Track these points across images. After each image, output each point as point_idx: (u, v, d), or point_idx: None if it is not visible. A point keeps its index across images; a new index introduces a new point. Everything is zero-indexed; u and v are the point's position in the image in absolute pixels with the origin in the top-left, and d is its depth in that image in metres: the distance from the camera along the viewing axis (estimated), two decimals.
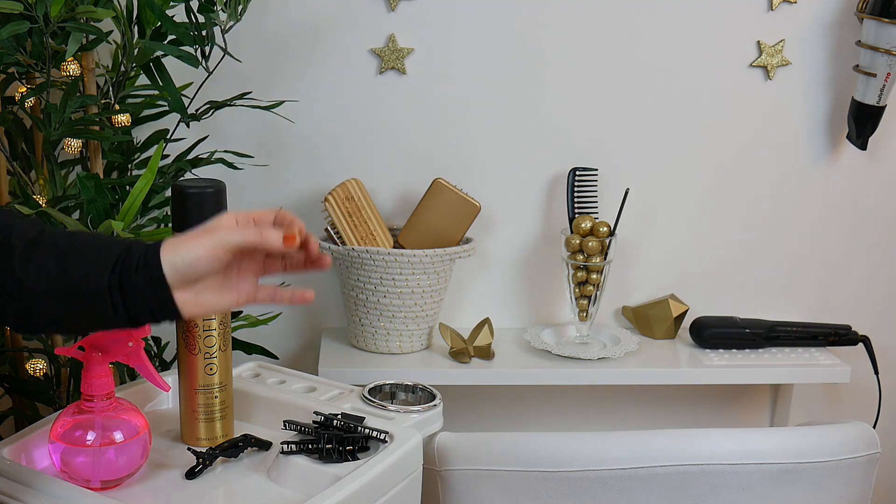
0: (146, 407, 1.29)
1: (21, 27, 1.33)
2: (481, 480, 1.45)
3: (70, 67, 1.42)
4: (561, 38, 1.79)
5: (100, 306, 0.94)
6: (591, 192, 1.80)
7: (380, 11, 1.75)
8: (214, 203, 1.15)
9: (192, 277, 0.95)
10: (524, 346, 1.81)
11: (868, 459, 1.50)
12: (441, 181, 1.73)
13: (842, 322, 1.88)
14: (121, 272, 0.94)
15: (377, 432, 1.17)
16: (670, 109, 1.83)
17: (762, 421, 2.00)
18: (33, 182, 1.51)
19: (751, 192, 1.88)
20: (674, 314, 1.86)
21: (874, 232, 1.92)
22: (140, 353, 1.09)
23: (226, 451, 1.17)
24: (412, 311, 1.73)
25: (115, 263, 0.94)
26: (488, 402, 1.94)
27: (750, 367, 1.78)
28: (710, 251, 1.90)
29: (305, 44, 1.75)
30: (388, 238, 1.74)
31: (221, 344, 1.19)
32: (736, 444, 1.46)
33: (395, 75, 1.78)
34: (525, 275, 1.89)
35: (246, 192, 1.75)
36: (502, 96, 1.80)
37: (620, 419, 1.97)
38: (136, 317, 0.95)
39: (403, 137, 1.81)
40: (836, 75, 1.84)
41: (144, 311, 0.95)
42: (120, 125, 1.48)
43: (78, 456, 1.09)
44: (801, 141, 1.87)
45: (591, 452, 1.44)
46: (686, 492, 1.44)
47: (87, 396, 1.09)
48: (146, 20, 1.45)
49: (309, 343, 1.89)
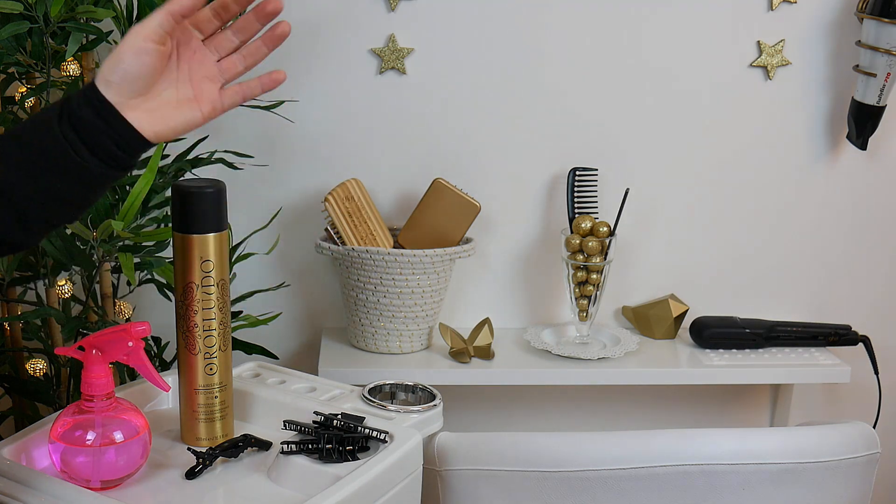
0: (146, 407, 1.29)
1: (21, 27, 1.33)
2: (481, 480, 1.45)
3: (70, 67, 1.42)
4: (561, 38, 1.79)
5: (66, 159, 0.93)
6: (591, 192, 1.80)
7: (380, 11, 1.75)
8: (214, 203, 1.15)
9: (133, 86, 0.94)
10: (524, 346, 1.81)
11: (868, 459, 1.50)
12: (441, 181, 1.73)
13: (842, 322, 1.88)
14: (68, 116, 0.93)
15: (377, 432, 1.17)
16: (670, 109, 1.83)
17: (762, 421, 2.00)
18: None
19: (751, 192, 1.88)
20: (674, 314, 1.86)
21: (874, 232, 1.92)
22: (140, 353, 1.09)
23: (226, 451, 1.17)
24: (412, 311, 1.73)
25: (59, 111, 0.94)
26: (488, 402, 1.94)
27: (750, 367, 1.78)
28: (710, 251, 1.90)
29: (305, 44, 1.75)
30: (388, 238, 1.74)
31: (221, 344, 1.19)
32: (736, 444, 1.46)
33: (395, 75, 1.78)
34: (525, 275, 1.89)
35: (246, 192, 1.76)
36: (502, 96, 1.80)
37: (620, 419, 1.97)
38: (105, 153, 0.94)
39: (403, 137, 1.81)
40: (836, 75, 1.84)
41: (108, 143, 0.94)
42: None
43: (78, 456, 1.09)
44: (801, 141, 1.87)
45: (591, 452, 1.44)
46: (686, 492, 1.44)
47: (87, 396, 1.09)
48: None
49: (309, 343, 1.89)
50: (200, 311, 1.17)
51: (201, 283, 1.16)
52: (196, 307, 1.17)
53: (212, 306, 1.17)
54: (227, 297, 1.19)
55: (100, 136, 0.94)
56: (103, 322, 1.51)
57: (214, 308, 1.17)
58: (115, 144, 0.94)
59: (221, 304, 1.18)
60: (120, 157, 0.96)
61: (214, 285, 1.17)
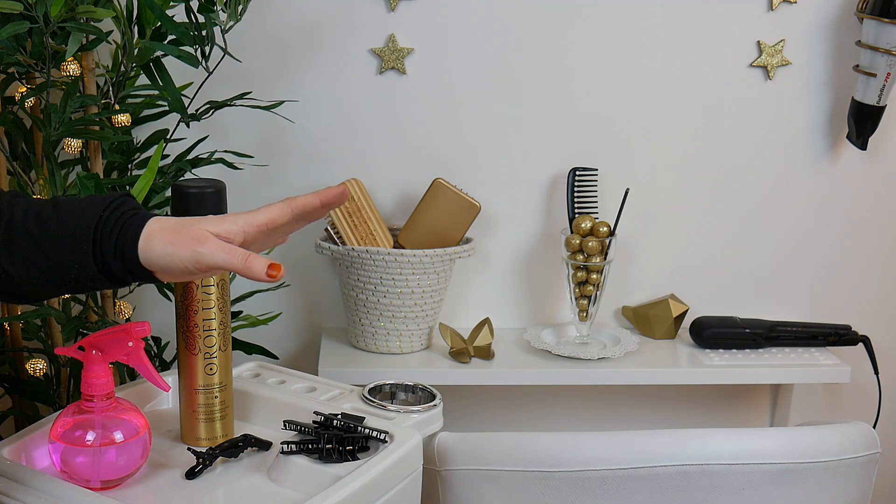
0: (146, 407, 1.29)
1: (21, 27, 1.33)
2: (481, 480, 1.45)
3: (70, 67, 1.42)
4: (561, 38, 1.79)
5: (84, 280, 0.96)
6: (591, 192, 1.80)
7: (380, 11, 1.75)
8: (214, 203, 1.15)
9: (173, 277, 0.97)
10: (524, 346, 1.81)
11: (868, 459, 1.50)
12: (441, 181, 1.73)
13: (841, 322, 1.88)
14: (102, 261, 0.94)
15: (377, 432, 1.17)
16: (670, 109, 1.83)
17: (762, 421, 2.00)
18: (33, 182, 1.51)
19: (751, 191, 1.88)
20: (674, 314, 1.86)
21: (874, 232, 1.92)
22: (140, 353, 1.09)
23: (226, 451, 1.17)
24: (412, 311, 1.73)
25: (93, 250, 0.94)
26: (488, 402, 1.94)
27: (750, 367, 1.78)
28: (711, 251, 1.90)
29: (305, 44, 1.75)
30: (388, 238, 1.74)
31: (221, 344, 1.19)
32: (736, 444, 1.46)
33: (395, 75, 1.78)
34: (525, 275, 1.89)
35: (246, 192, 1.76)
36: (502, 96, 1.80)
37: (620, 419, 1.97)
38: (122, 283, 0.98)
39: (403, 137, 1.81)
40: (836, 75, 1.84)
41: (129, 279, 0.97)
42: (120, 125, 1.48)
43: (78, 456, 1.09)
44: (801, 141, 1.87)
45: (591, 452, 1.44)
46: (686, 492, 1.44)
47: (87, 396, 1.09)
48: (146, 20, 1.45)
49: (309, 343, 1.89)
50: (200, 311, 1.17)
51: (201, 282, 1.16)
52: (196, 307, 1.17)
53: (212, 306, 1.17)
54: (227, 297, 1.19)
55: (125, 275, 0.96)
56: (103, 322, 1.51)
57: (214, 308, 1.17)
58: (134, 279, 0.97)
59: (221, 304, 1.18)
60: (130, 282, 0.99)
61: (214, 285, 1.17)
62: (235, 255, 0.94)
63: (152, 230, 0.95)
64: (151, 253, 0.94)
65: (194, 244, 0.94)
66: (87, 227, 0.94)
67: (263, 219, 0.98)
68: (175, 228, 0.95)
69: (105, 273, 0.95)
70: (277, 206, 1.00)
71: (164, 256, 0.94)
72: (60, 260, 0.94)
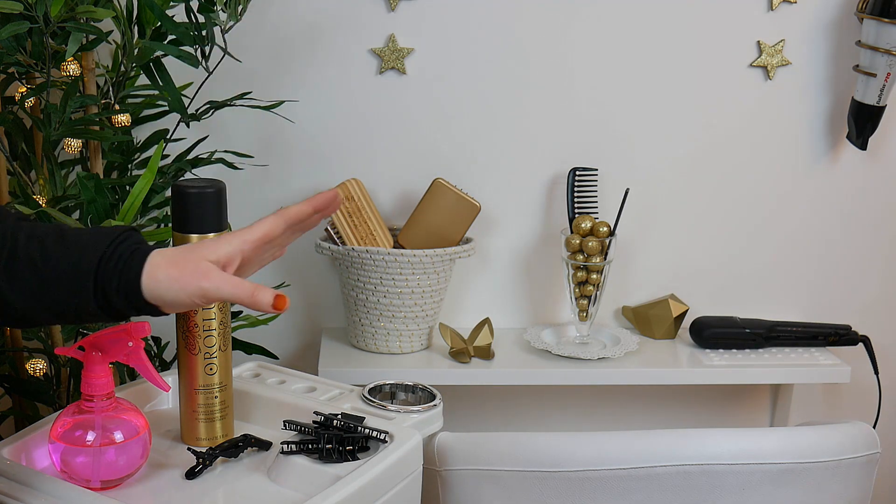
0: (146, 407, 1.29)
1: (21, 27, 1.32)
2: (481, 480, 1.45)
3: (70, 67, 1.42)
4: (561, 38, 1.79)
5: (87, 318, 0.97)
6: (591, 192, 1.80)
7: (380, 11, 1.75)
8: (214, 203, 1.15)
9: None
10: (524, 346, 1.81)
11: (868, 459, 1.50)
12: (441, 181, 1.73)
13: (841, 322, 1.88)
14: (104, 296, 0.95)
15: (377, 432, 1.17)
16: (670, 109, 1.83)
17: (762, 421, 2.00)
18: (33, 182, 1.51)
19: (751, 191, 1.88)
20: (674, 314, 1.86)
21: (874, 232, 1.92)
22: (140, 353, 1.09)
23: (226, 451, 1.17)
24: (412, 311, 1.73)
25: (94, 287, 0.94)
26: (488, 402, 1.94)
27: (750, 367, 1.78)
28: (711, 251, 1.90)
29: (305, 44, 1.75)
30: (388, 238, 1.74)
31: (221, 344, 1.19)
32: (736, 444, 1.46)
33: (395, 75, 1.78)
34: (525, 275, 1.89)
35: (246, 192, 1.76)
36: (502, 96, 1.80)
37: (620, 419, 1.97)
38: (123, 318, 0.98)
39: (403, 137, 1.81)
40: (836, 75, 1.84)
41: (131, 312, 0.97)
42: (120, 125, 1.48)
43: (78, 456, 1.09)
44: (801, 141, 1.87)
45: (591, 452, 1.44)
46: (686, 492, 1.44)
47: (87, 396, 1.09)
48: (146, 20, 1.45)
49: (309, 343, 1.89)
50: (200, 311, 1.17)
51: None
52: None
53: (212, 306, 1.17)
54: None
55: (128, 311, 0.97)
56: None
57: (214, 308, 1.17)
58: (138, 313, 0.98)
59: (221, 304, 1.18)
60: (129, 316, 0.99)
61: None
62: (242, 288, 0.94)
63: (155, 264, 0.95)
64: (157, 289, 0.94)
65: (198, 279, 0.94)
66: (89, 264, 0.95)
67: (258, 234, 0.99)
68: (177, 261, 0.95)
69: (105, 309, 0.95)
70: (270, 219, 1.00)
71: (171, 292, 0.94)
72: (60, 292, 0.94)
